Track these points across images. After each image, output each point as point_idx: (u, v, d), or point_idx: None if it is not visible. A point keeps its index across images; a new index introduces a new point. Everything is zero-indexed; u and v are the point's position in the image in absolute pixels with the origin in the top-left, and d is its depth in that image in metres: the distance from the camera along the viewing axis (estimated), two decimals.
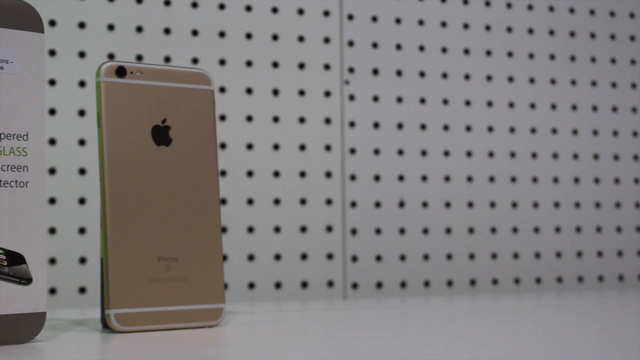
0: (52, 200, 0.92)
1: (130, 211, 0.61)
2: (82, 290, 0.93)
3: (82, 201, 0.93)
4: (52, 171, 0.92)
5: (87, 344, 0.57)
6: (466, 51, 1.09)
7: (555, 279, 1.11)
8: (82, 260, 0.93)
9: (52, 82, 0.93)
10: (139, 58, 0.96)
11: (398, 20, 1.07)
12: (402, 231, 1.05)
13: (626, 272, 1.14)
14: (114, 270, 0.60)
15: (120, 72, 0.62)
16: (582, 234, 1.13)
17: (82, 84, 0.94)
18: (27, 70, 0.56)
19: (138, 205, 0.61)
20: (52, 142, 0.92)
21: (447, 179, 1.08)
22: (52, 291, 0.92)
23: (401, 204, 1.05)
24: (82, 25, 0.95)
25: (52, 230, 0.92)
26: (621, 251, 1.14)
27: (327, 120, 1.03)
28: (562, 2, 1.14)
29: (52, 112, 0.92)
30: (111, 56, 0.95)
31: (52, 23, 0.94)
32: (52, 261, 0.92)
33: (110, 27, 0.96)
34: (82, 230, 0.93)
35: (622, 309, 0.82)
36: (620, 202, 1.14)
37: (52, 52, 0.93)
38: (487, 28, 1.11)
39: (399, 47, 1.07)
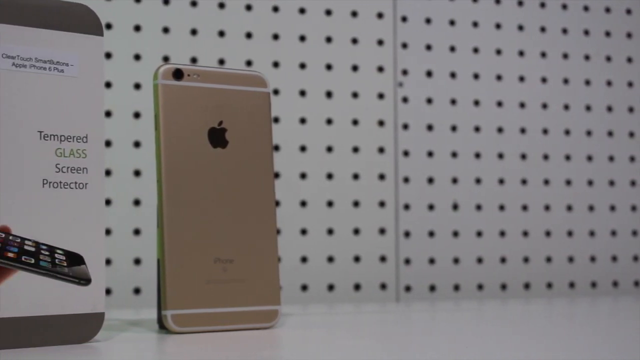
0: (107, 202, 0.93)
1: (187, 213, 0.61)
2: (137, 290, 0.93)
3: (136, 202, 0.94)
4: (107, 173, 0.93)
5: (144, 344, 0.57)
6: (521, 53, 1.09)
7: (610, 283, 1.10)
8: (137, 261, 0.94)
9: (107, 85, 0.94)
10: (194, 60, 0.97)
11: (452, 22, 1.06)
12: (455, 234, 1.05)
13: None
14: (171, 271, 0.60)
15: (178, 74, 0.62)
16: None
17: (137, 86, 0.95)
18: (86, 73, 0.56)
19: (194, 206, 0.62)
20: (108, 144, 0.93)
21: (501, 181, 1.07)
22: (107, 291, 0.92)
23: (455, 207, 1.05)
24: (137, 28, 0.96)
25: (107, 231, 0.92)
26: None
27: (381, 123, 1.03)
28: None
29: (108, 114, 0.93)
30: (166, 59, 0.96)
31: (108, 26, 0.94)
32: (107, 262, 0.92)
33: (165, 30, 0.96)
34: (136, 232, 0.94)
35: None
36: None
37: (108, 55, 0.94)
38: (542, 30, 1.10)
39: (452, 48, 1.06)
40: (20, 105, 0.54)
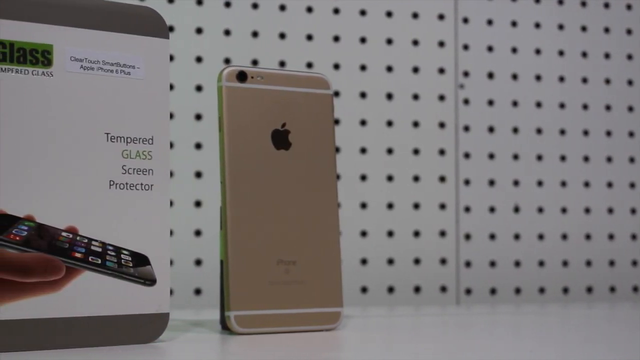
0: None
1: (250, 214, 0.61)
2: (198, 291, 0.94)
3: (198, 204, 0.95)
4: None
5: (208, 345, 0.57)
6: (584, 54, 1.07)
7: None
8: (198, 262, 0.94)
9: (169, 87, 0.94)
10: (254, 63, 0.97)
11: (514, 23, 1.05)
12: (516, 236, 1.04)
13: None
14: (234, 272, 0.60)
15: (241, 76, 0.63)
16: None
17: (198, 88, 0.96)
18: (152, 75, 0.57)
19: (258, 208, 0.62)
20: (170, 145, 0.94)
21: (563, 184, 1.06)
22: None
23: (516, 209, 1.04)
24: (199, 30, 0.96)
25: (169, 232, 0.93)
26: None
27: (441, 125, 1.02)
28: None
29: (170, 116, 0.94)
30: (227, 61, 0.96)
31: (170, 29, 0.95)
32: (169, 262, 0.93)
33: (227, 32, 0.97)
34: (197, 233, 0.94)
35: None
36: None
37: (170, 57, 0.95)
38: (606, 30, 1.08)
39: (514, 50, 1.05)
40: (87, 107, 0.54)
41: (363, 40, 1.01)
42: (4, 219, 0.51)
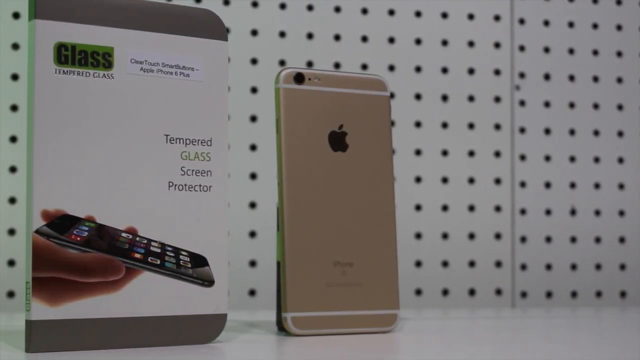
0: None
1: (307, 216, 0.62)
2: (252, 292, 0.94)
3: (252, 205, 0.95)
4: None
5: (265, 346, 0.58)
6: None
7: None
8: (252, 263, 0.95)
9: None
10: (309, 64, 0.97)
11: (571, 24, 1.04)
12: (573, 240, 1.03)
13: None
14: (291, 274, 0.60)
15: (299, 78, 0.63)
16: None
17: (254, 90, 0.96)
18: (211, 77, 0.57)
19: (315, 209, 0.62)
20: None
21: (620, 186, 1.04)
22: None
23: (572, 212, 1.03)
24: (254, 32, 0.97)
25: None
26: None
27: (497, 127, 1.02)
28: None
29: None
30: (282, 63, 0.97)
31: (226, 31, 0.96)
32: None
33: (282, 34, 0.97)
34: (252, 234, 0.95)
35: None
36: None
37: None
38: None
39: (571, 51, 1.04)
40: (147, 109, 0.55)
41: (418, 41, 1.00)
42: (65, 220, 0.52)
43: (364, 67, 0.99)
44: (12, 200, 0.90)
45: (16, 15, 0.92)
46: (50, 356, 0.50)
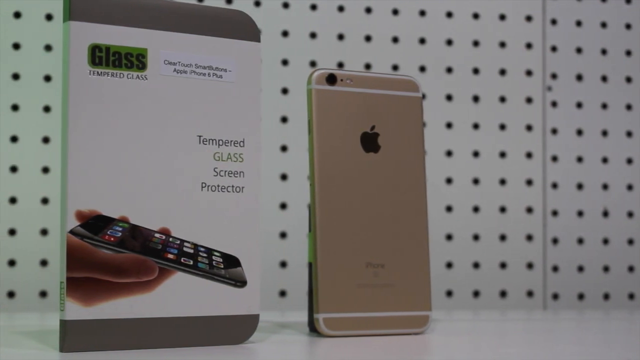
0: None
1: (339, 217, 0.62)
2: (282, 293, 0.94)
3: (283, 206, 0.95)
4: None
5: (297, 347, 0.58)
6: None
7: None
8: (283, 264, 0.95)
9: None
10: (340, 65, 0.97)
11: (604, 24, 1.04)
12: (605, 241, 1.02)
13: None
14: (324, 275, 0.60)
15: (331, 79, 0.63)
16: None
17: (284, 91, 0.96)
18: (244, 78, 0.57)
19: (347, 211, 0.62)
20: None
21: None
22: None
23: (605, 214, 1.02)
24: (285, 33, 0.97)
25: None
26: None
27: (529, 128, 1.01)
28: None
29: None
30: (313, 64, 0.97)
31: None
32: None
33: (313, 35, 0.97)
34: (282, 235, 0.95)
35: None
36: None
37: None
38: None
39: (604, 51, 1.04)
40: (180, 110, 0.55)
41: (449, 42, 1.00)
42: (99, 220, 0.52)
43: (395, 68, 0.98)
44: (45, 201, 0.91)
45: (49, 17, 0.92)
46: (84, 356, 0.51)
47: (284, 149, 0.96)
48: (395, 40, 0.99)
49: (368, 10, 0.98)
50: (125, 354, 0.52)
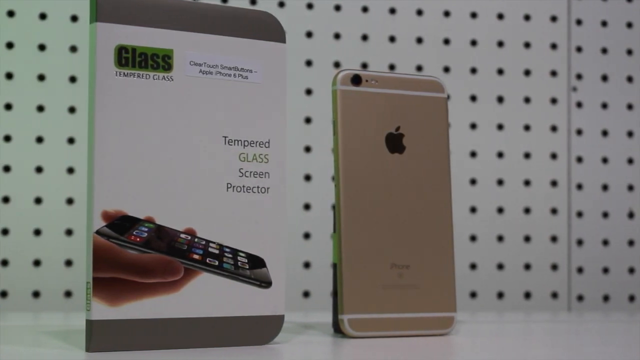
0: None
1: (364, 217, 0.61)
2: (306, 294, 0.94)
3: (307, 207, 0.95)
4: None
5: (322, 347, 0.58)
6: None
7: None
8: (307, 265, 0.95)
9: None
10: (364, 66, 0.97)
11: (629, 24, 1.03)
12: (630, 243, 1.02)
13: None
14: (348, 276, 0.60)
15: (356, 80, 0.63)
16: None
17: (308, 91, 0.96)
18: (269, 79, 0.57)
19: (372, 211, 0.62)
20: None
21: None
22: None
23: (630, 215, 1.02)
24: (309, 34, 0.97)
25: None
26: None
27: (553, 128, 1.01)
28: None
29: None
30: (337, 64, 0.97)
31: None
32: None
33: (337, 36, 0.97)
34: (306, 235, 0.95)
35: None
36: None
37: None
38: None
39: (629, 52, 1.03)
40: (206, 111, 0.55)
41: (474, 42, 1.00)
42: (125, 220, 0.52)
43: (419, 68, 0.98)
44: (70, 201, 0.91)
45: (74, 18, 0.93)
46: (110, 355, 0.51)
47: (307, 149, 0.96)
48: (419, 40, 0.99)
49: (392, 10, 0.98)
50: (151, 354, 0.52)
